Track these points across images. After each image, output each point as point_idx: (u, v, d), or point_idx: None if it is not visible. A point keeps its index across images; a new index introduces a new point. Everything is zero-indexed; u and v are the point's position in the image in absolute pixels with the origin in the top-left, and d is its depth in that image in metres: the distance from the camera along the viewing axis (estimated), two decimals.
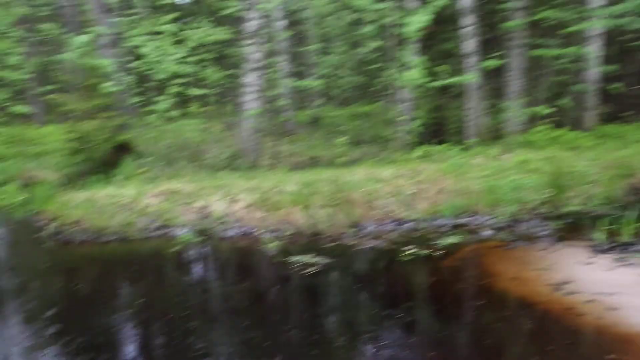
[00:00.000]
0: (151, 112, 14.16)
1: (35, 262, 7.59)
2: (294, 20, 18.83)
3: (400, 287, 6.36)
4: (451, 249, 7.14)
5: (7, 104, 13.56)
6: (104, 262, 7.58)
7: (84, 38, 12.83)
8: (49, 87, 18.46)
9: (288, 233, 8.08)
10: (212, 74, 17.46)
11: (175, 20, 15.33)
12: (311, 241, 7.83)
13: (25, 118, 16.50)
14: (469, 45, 12.93)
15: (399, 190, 9.21)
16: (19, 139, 14.03)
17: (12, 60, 13.89)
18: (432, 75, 13.08)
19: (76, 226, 8.33)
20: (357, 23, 18.48)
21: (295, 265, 6.68)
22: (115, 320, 5.25)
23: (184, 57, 13.77)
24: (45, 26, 14.59)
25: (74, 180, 11.39)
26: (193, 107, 15.76)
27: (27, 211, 9.64)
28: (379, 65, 18.75)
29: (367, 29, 15.35)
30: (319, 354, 4.42)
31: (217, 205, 8.76)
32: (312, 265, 6.61)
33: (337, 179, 9.20)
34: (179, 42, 14.40)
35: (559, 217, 8.20)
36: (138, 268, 7.19)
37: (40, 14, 20.22)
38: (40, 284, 6.62)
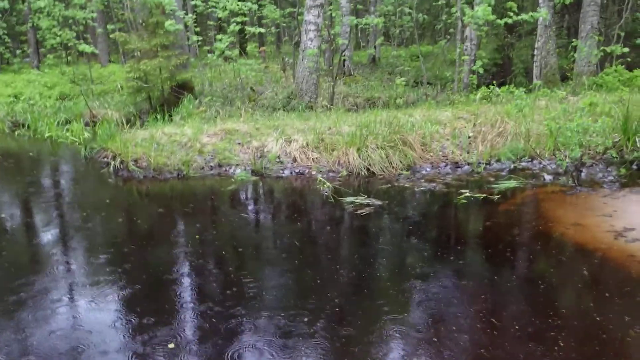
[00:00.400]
0: (210, 51, 14.21)
1: (98, 198, 7.91)
2: None
3: (454, 230, 6.28)
4: (509, 193, 6.94)
5: (73, 42, 13.90)
6: (162, 199, 7.85)
7: None
8: (113, 26, 18.80)
9: (342, 174, 8.07)
10: (271, 12, 17.25)
11: None
12: (365, 183, 7.80)
13: (89, 57, 16.93)
14: None
15: (457, 132, 8.96)
16: (83, 78, 14.47)
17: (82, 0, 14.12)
18: (500, 12, 12.40)
19: (136, 163, 8.60)
20: None
21: (348, 206, 6.69)
22: (170, 256, 5.37)
23: None
24: None
25: (135, 118, 11.72)
26: (251, 47, 15.72)
27: (91, 148, 9.97)
28: (442, 2, 17.98)
29: None
30: (369, 293, 4.45)
31: (273, 145, 8.81)
32: (365, 206, 6.60)
33: (394, 120, 9.02)
34: None
35: (625, 162, 7.77)
36: (194, 206, 7.39)
37: None
38: (102, 219, 6.83)
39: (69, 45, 14.67)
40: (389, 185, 7.61)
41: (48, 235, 6.19)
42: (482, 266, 5.08)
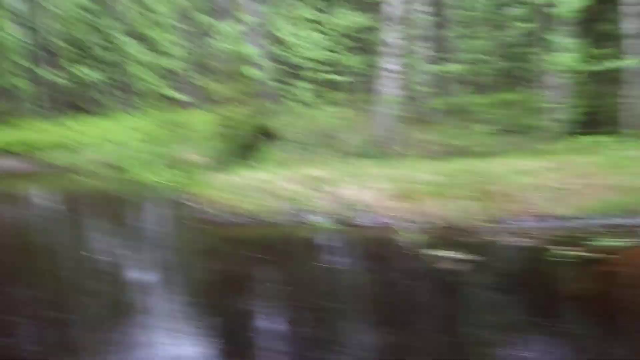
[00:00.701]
0: (291, 98, 14.55)
1: (179, 241, 8.11)
2: (436, 3, 18.22)
3: (549, 291, 5.83)
4: (608, 252, 6.43)
5: (165, 90, 14.73)
6: (239, 244, 7.87)
7: (232, 26, 13.46)
8: (201, 75, 19.75)
9: (422, 224, 7.85)
10: (351, 60, 17.52)
11: (317, 6, 15.55)
12: (447, 234, 7.53)
13: (179, 104, 17.81)
14: (632, 25, 11.60)
15: (544, 183, 8.54)
16: (173, 124, 15.18)
17: (172, 50, 15.02)
18: (587, 59, 11.95)
19: (217, 207, 8.77)
20: (505, 4, 17.44)
21: (429, 258, 6.46)
22: (245, 304, 5.38)
23: (323, 43, 13.92)
24: (201, 17, 15.55)
25: (219, 163, 12.08)
26: (330, 94, 15.96)
27: (177, 191, 10.34)
28: (526, 49, 17.57)
29: (516, 9, 14.38)
30: (454, 356, 4.20)
31: (351, 192, 8.74)
32: (448, 259, 6.35)
33: (476, 169, 8.77)
34: (319, 28, 14.59)
35: None
36: (270, 252, 7.35)
37: (197, 5, 21.67)
38: (181, 262, 7.05)
39: (160, 92, 15.55)
40: (473, 237, 7.31)
41: (129, 274, 6.54)
42: (583, 335, 4.62)
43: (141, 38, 19.47)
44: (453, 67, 14.82)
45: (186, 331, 4.66)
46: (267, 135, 13.42)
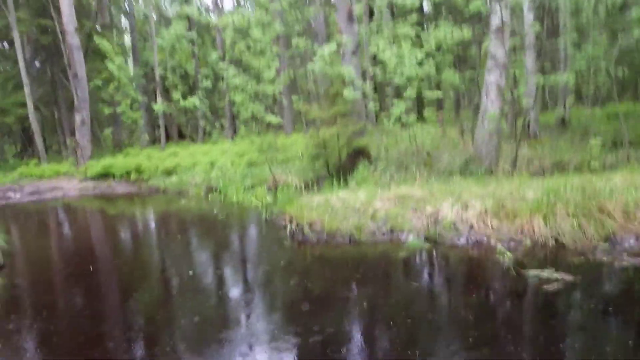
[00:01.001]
0: (387, 117, 14.32)
1: (274, 260, 8.11)
2: (543, 11, 17.25)
3: None
4: None
5: (262, 115, 15.14)
6: (333, 264, 7.72)
7: (329, 48, 13.53)
8: (297, 97, 20.19)
9: (525, 244, 7.25)
10: (450, 76, 16.99)
11: (415, 23, 15.30)
12: (553, 255, 6.87)
13: (275, 127, 18.24)
14: None
15: None
16: (269, 147, 15.53)
17: (268, 75, 15.45)
18: None
19: (311, 227, 8.71)
20: (621, 7, 16.12)
21: (532, 280, 5.91)
22: (338, 322, 5.24)
23: (422, 60, 13.61)
24: (296, 41, 15.87)
25: (312, 184, 12.10)
26: (429, 112, 15.53)
27: (272, 212, 10.47)
28: None
29: (635, 12, 13.15)
30: None
31: (448, 212, 8.31)
32: (553, 281, 5.76)
33: (588, 186, 7.96)
34: (418, 45, 14.31)
35: None
36: (365, 272, 7.14)
37: (293, 30, 22.31)
38: (276, 281, 7.06)
39: (258, 117, 15.99)
40: (582, 258, 6.61)
41: (230, 293, 6.59)
42: None
43: (241, 65, 20.27)
44: (564, 78, 13.82)
45: (276, 347, 4.67)
46: (363, 155, 13.26)
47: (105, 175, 19.60)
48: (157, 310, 6.09)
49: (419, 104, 20.21)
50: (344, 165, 12.54)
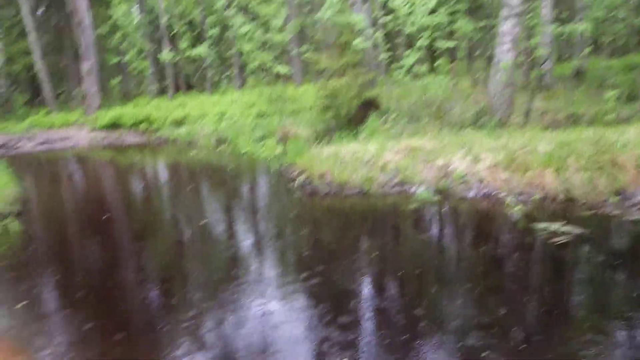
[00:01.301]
0: (398, 68, 14.09)
1: (284, 211, 8.18)
2: None
3: None
4: None
5: (270, 65, 14.91)
6: (344, 215, 7.78)
7: None
8: (306, 47, 19.80)
9: (535, 197, 7.24)
10: (464, 24, 16.60)
11: None
12: (562, 208, 6.87)
13: (285, 78, 17.99)
14: None
15: None
16: (278, 97, 15.38)
17: (276, 23, 15.12)
18: None
19: (321, 179, 8.72)
20: None
21: (541, 233, 5.93)
22: (347, 272, 5.32)
23: (435, 8, 13.25)
24: None
25: (322, 135, 12.02)
26: (441, 62, 15.24)
27: (282, 163, 10.48)
28: None
29: None
30: (561, 331, 3.78)
31: (459, 164, 8.28)
32: (561, 234, 5.78)
33: (601, 139, 7.86)
34: None
35: None
36: (374, 224, 7.22)
37: None
38: (286, 231, 7.14)
39: (267, 67, 15.77)
40: (592, 212, 6.60)
41: (241, 241, 6.70)
42: None
43: (250, 14, 19.84)
44: (580, 27, 13.43)
45: (285, 293, 4.79)
46: (373, 106, 13.11)
47: (114, 125, 19.61)
48: (169, 256, 6.24)
49: (431, 54, 19.79)
50: (354, 116, 12.41)
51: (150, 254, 6.45)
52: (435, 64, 16.34)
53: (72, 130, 20.20)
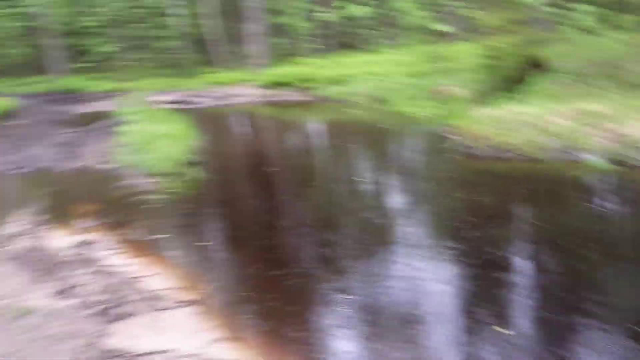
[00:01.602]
0: (567, 24, 13.12)
1: (440, 173, 8.23)
2: None
3: None
4: None
5: (429, 23, 14.65)
6: (503, 179, 7.64)
7: None
8: (467, 4, 18.98)
9: None
10: None
11: None
12: None
13: (444, 36, 17.54)
14: None
15: None
16: (437, 56, 15.08)
17: None
18: None
19: (480, 141, 8.58)
20: None
21: None
22: (504, 240, 5.28)
23: None
24: None
25: (482, 96, 11.70)
26: (618, 17, 13.86)
27: (438, 124, 10.42)
28: None
29: None
30: None
31: (637, 130, 7.65)
32: None
33: None
34: None
35: None
36: (534, 190, 6.96)
37: None
38: (442, 193, 7.15)
39: (425, 25, 15.51)
40: None
41: (395, 201, 6.96)
42: None
43: None
44: None
45: (430, 257, 4.87)
46: (537, 66, 12.41)
47: (277, 83, 20.79)
48: (325, 210, 6.70)
49: (607, 7, 17.89)
50: (518, 77, 11.87)
51: (306, 204, 7.04)
52: (613, 19, 14.85)
53: (240, 88, 21.74)
